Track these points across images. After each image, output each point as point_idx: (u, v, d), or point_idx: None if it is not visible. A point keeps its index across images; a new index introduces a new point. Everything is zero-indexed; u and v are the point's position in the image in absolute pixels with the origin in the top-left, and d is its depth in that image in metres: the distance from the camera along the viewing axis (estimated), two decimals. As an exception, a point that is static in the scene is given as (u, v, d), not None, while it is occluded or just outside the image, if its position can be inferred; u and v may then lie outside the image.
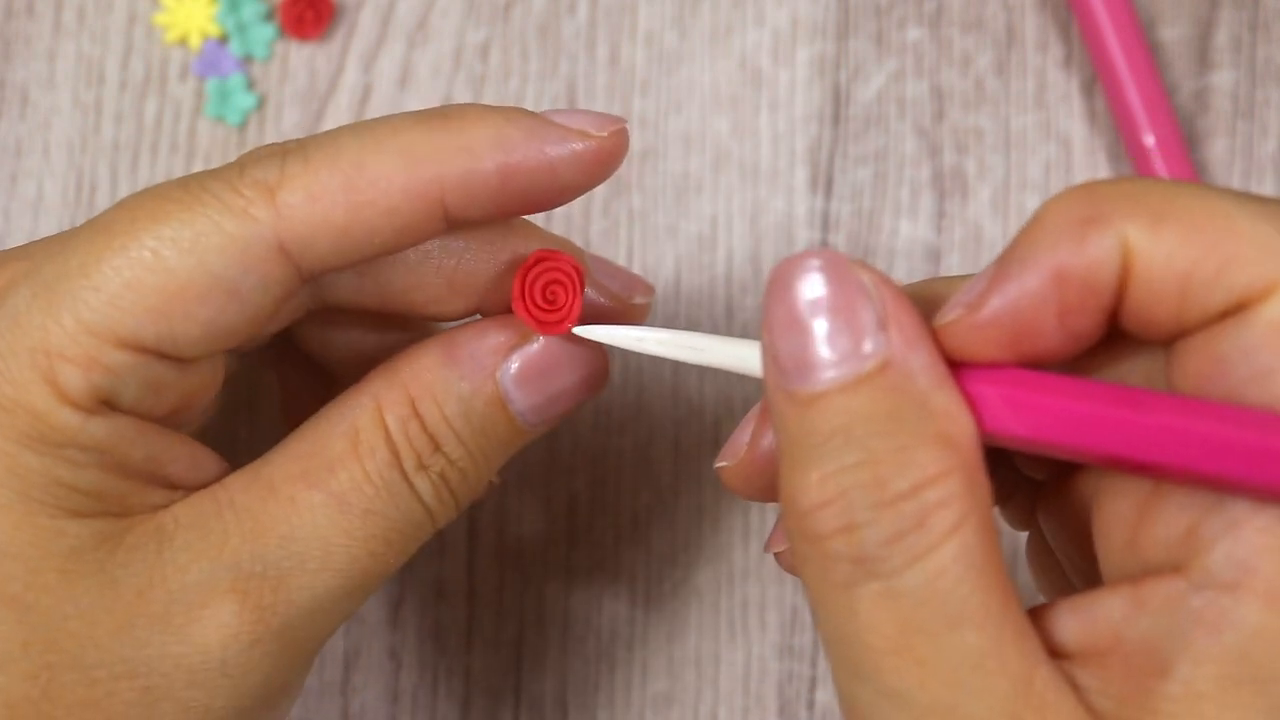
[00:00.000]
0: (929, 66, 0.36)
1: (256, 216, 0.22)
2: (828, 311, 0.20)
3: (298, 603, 0.23)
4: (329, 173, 0.23)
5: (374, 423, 0.24)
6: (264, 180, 0.23)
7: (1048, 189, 0.35)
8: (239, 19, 0.36)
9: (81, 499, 0.23)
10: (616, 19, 0.36)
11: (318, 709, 0.34)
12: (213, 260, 0.22)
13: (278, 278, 0.23)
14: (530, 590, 0.34)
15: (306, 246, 0.23)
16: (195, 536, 0.23)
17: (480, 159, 0.23)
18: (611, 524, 0.34)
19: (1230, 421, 0.19)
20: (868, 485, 0.19)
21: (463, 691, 0.34)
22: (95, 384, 0.22)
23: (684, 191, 0.35)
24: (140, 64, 0.36)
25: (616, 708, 0.34)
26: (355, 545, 0.24)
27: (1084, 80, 0.35)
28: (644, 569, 0.34)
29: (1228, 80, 0.35)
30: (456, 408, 0.25)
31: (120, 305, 0.22)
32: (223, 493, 0.24)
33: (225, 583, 0.23)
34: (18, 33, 0.36)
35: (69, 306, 0.22)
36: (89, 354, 0.22)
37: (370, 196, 0.23)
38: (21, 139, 0.36)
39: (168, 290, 0.22)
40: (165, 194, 0.23)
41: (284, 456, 0.24)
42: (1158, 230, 0.19)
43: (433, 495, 0.25)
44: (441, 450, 0.25)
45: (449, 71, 0.36)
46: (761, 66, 0.36)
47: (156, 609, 0.23)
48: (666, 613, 0.34)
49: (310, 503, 0.23)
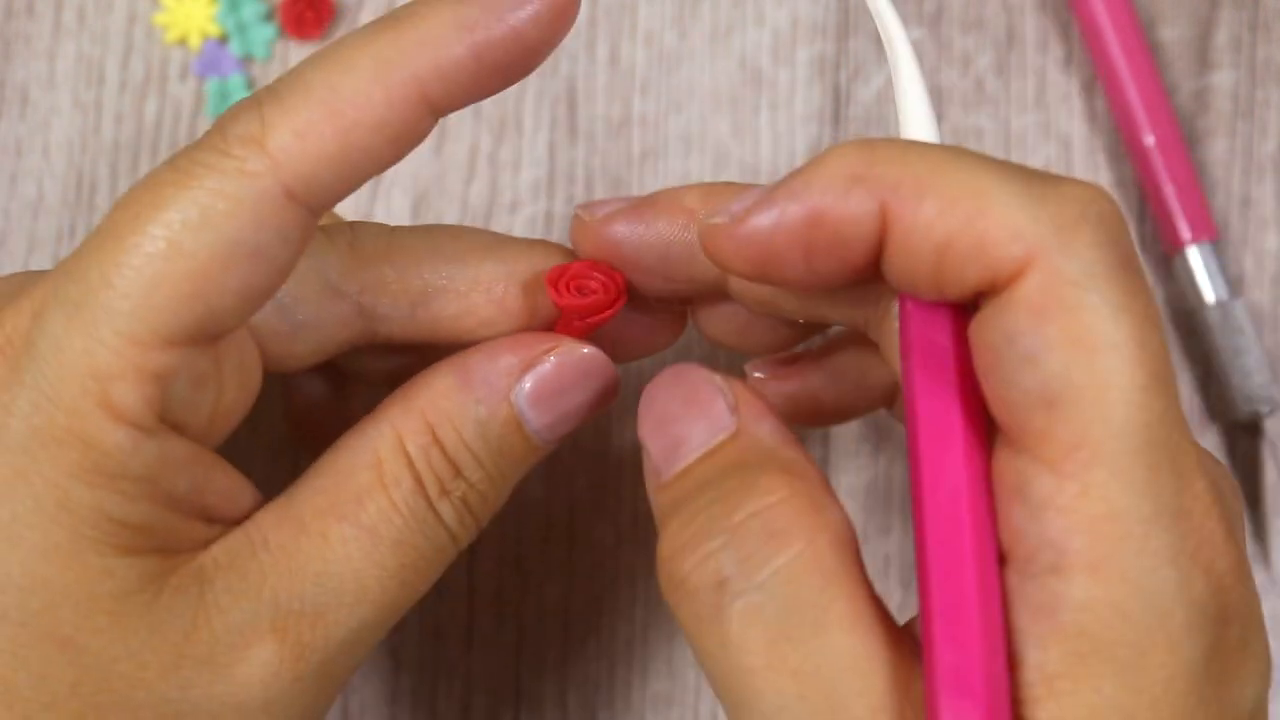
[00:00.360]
0: (929, 66, 0.36)
1: (254, 171, 0.22)
2: (686, 407, 0.23)
3: (336, 638, 0.24)
4: (308, 106, 0.23)
5: (396, 452, 0.25)
6: (248, 134, 0.22)
7: (1048, 189, 0.35)
8: (239, 19, 0.36)
9: (131, 535, 0.23)
10: (616, 19, 0.36)
11: (318, 709, 0.34)
12: (226, 228, 0.22)
13: (293, 223, 0.23)
14: (530, 590, 0.34)
15: (309, 183, 0.23)
16: (235, 578, 0.23)
17: (448, 45, 0.23)
18: (611, 524, 0.34)
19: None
20: (721, 514, 0.21)
21: (462, 692, 0.34)
22: (149, 395, 0.22)
23: (684, 191, 0.35)
24: (140, 64, 0.36)
25: (616, 708, 0.34)
26: (387, 576, 0.24)
27: (1084, 80, 0.36)
28: (644, 569, 0.34)
29: (1228, 80, 0.35)
30: (474, 431, 0.25)
31: (153, 305, 0.22)
32: (256, 532, 0.24)
33: (266, 623, 0.23)
34: (18, 33, 0.36)
35: (105, 321, 0.22)
36: (136, 365, 0.22)
37: (354, 116, 0.23)
38: (21, 139, 0.36)
39: (194, 274, 0.22)
40: (159, 179, 0.23)
41: (310, 490, 0.24)
42: (919, 200, 0.20)
43: (455, 519, 0.25)
44: (462, 475, 0.25)
45: (449, 71, 0.36)
46: (761, 66, 0.36)
47: (201, 651, 0.23)
48: (666, 613, 0.34)
49: (342, 537, 0.24)
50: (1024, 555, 0.20)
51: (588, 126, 0.36)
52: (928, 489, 0.20)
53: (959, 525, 0.20)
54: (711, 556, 0.21)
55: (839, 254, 0.21)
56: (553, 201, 0.35)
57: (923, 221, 0.20)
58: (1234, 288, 0.34)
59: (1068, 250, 0.19)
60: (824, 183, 0.21)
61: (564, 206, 0.35)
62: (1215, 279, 0.34)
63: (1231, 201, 0.35)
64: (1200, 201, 0.34)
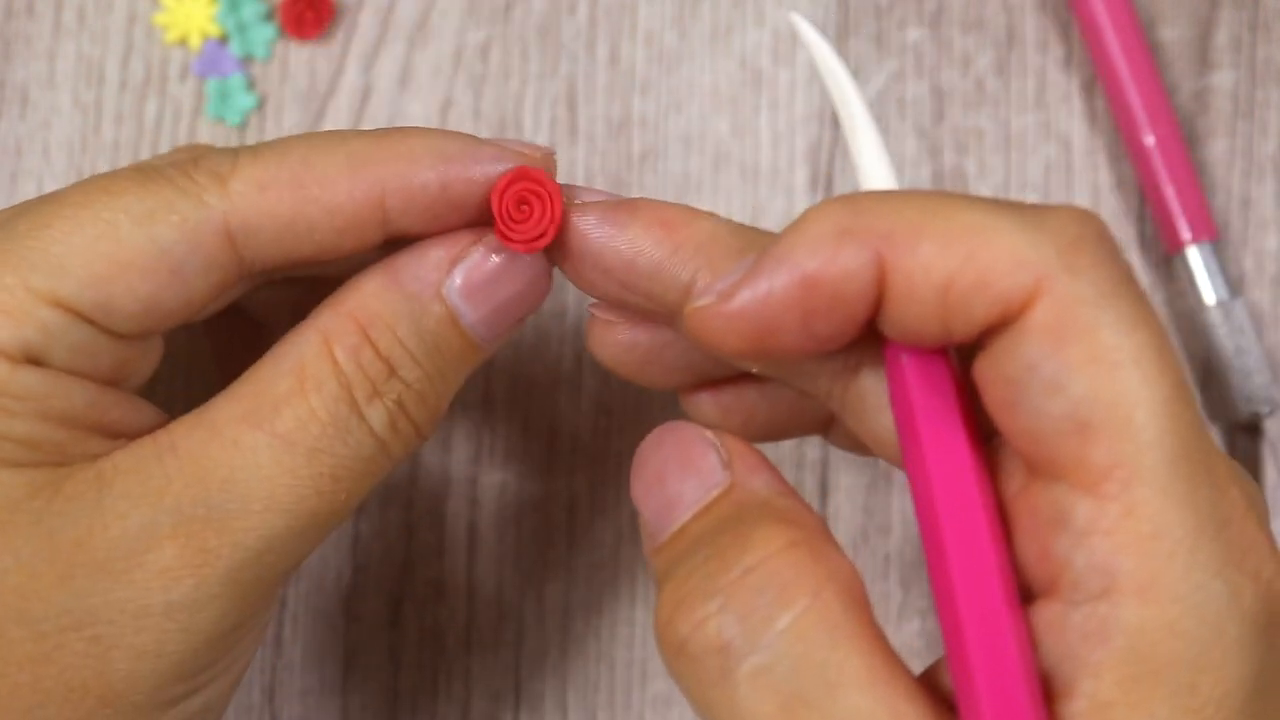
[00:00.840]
0: (929, 67, 0.36)
1: (208, 201, 0.23)
2: (678, 467, 0.23)
3: (244, 544, 0.23)
4: (278, 167, 0.24)
5: (321, 356, 0.24)
6: (217, 170, 0.24)
7: (1048, 189, 0.35)
8: (239, 19, 0.36)
9: (15, 448, 0.23)
10: (616, 19, 0.36)
11: (318, 709, 0.34)
12: (162, 236, 0.23)
13: (220, 263, 0.24)
14: (530, 590, 0.34)
15: (251, 235, 0.24)
16: (135, 482, 0.23)
17: (420, 166, 0.24)
18: (611, 524, 0.34)
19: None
20: (716, 572, 0.20)
21: (462, 692, 0.34)
22: (25, 337, 0.22)
23: (684, 192, 0.35)
24: (140, 64, 0.36)
25: (616, 708, 0.34)
26: (301, 484, 0.23)
27: (1084, 80, 0.35)
28: (644, 569, 0.34)
29: (1228, 80, 0.35)
30: (408, 328, 0.24)
31: (64, 267, 0.23)
32: (165, 437, 0.24)
33: (166, 528, 0.23)
34: (18, 33, 0.36)
35: (11, 264, 0.23)
36: (23, 308, 0.22)
37: (315, 192, 0.24)
38: (21, 139, 0.36)
39: (114, 259, 0.23)
40: (121, 174, 0.24)
41: (228, 399, 0.24)
42: (915, 244, 0.20)
43: (387, 425, 0.24)
44: (398, 375, 0.24)
45: (449, 72, 0.36)
46: (761, 66, 0.36)
47: (97, 557, 0.22)
48: (666, 613, 0.34)
49: (254, 444, 0.23)
50: (1070, 583, 0.19)
51: (588, 126, 0.36)
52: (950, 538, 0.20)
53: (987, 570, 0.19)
54: (710, 619, 0.20)
55: (838, 314, 0.21)
56: (553, 201, 0.35)
57: (921, 264, 0.20)
58: (1234, 288, 0.34)
59: (1074, 272, 0.19)
60: (811, 243, 0.20)
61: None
62: (1215, 279, 0.34)
63: (1231, 201, 0.35)
64: (1200, 202, 0.34)
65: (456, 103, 0.36)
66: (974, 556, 0.19)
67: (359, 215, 0.24)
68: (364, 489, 0.24)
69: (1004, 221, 0.20)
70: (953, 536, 0.20)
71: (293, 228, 0.24)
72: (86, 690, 0.23)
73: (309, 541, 0.24)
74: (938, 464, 0.20)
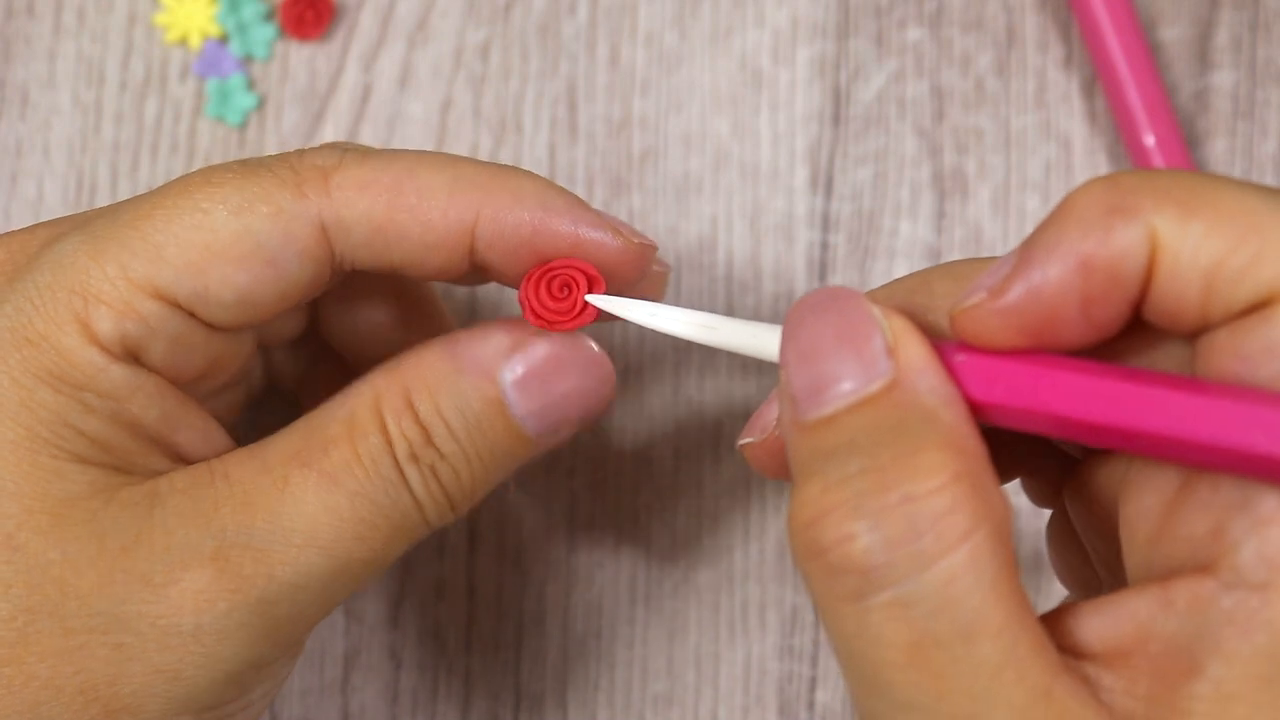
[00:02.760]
0: (929, 67, 0.36)
1: (307, 194, 0.24)
2: (838, 342, 0.21)
3: (280, 578, 0.23)
4: (382, 171, 0.24)
5: (370, 410, 0.25)
6: (322, 165, 0.24)
7: (1048, 189, 0.35)
8: (239, 19, 0.36)
9: (87, 445, 0.23)
10: (616, 19, 0.36)
11: (318, 709, 0.34)
12: (259, 226, 0.23)
13: (314, 255, 0.24)
14: (530, 590, 0.34)
15: (346, 232, 0.24)
16: (186, 501, 0.23)
17: (520, 205, 0.24)
18: (611, 524, 0.34)
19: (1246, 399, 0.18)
20: (872, 491, 0.19)
21: (462, 692, 0.34)
22: (126, 330, 0.23)
23: (684, 191, 0.35)
24: (140, 64, 0.36)
25: (616, 708, 0.34)
26: (341, 525, 0.24)
27: (1084, 80, 0.35)
28: (644, 569, 0.34)
29: (1228, 80, 0.35)
30: (451, 402, 0.25)
31: (163, 256, 0.23)
32: (219, 464, 0.24)
33: (208, 549, 0.23)
34: (18, 33, 0.36)
35: (113, 254, 0.23)
36: (125, 299, 0.23)
37: (413, 201, 0.24)
38: (21, 139, 0.36)
39: (211, 248, 0.23)
40: (225, 166, 0.24)
41: (282, 437, 0.25)
42: (1185, 222, 0.19)
43: (422, 487, 0.25)
44: (433, 444, 0.25)
45: (449, 71, 0.36)
46: (762, 66, 0.36)
47: (140, 566, 0.23)
48: (666, 613, 0.34)
49: (301, 480, 0.24)
50: (1231, 566, 0.19)
51: (588, 126, 0.36)
52: None
53: None
54: (859, 538, 0.19)
55: (1118, 295, 0.20)
56: (553, 201, 0.35)
57: (1191, 243, 0.19)
58: (1234, 288, 0.34)
59: None
60: (1080, 225, 0.20)
61: (564, 206, 0.35)
62: (1215, 279, 0.34)
63: (1231, 201, 0.35)
64: (1200, 201, 0.34)
65: (456, 102, 0.36)
66: None
67: (450, 233, 0.24)
68: (398, 547, 0.25)
69: (1275, 206, 0.19)
70: None
71: (384, 232, 0.24)
72: (96, 696, 0.23)
73: (339, 589, 0.24)
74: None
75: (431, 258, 0.25)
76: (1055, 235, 0.20)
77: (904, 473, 0.19)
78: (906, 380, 0.20)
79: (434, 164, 0.24)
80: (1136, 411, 0.19)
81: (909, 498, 0.19)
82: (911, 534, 0.19)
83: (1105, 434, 0.20)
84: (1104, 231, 0.19)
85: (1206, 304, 0.19)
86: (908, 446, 0.19)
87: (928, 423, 0.20)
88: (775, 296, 0.35)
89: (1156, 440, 0.19)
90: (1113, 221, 0.19)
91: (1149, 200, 0.19)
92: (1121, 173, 0.20)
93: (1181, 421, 0.19)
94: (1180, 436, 0.19)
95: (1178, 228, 0.19)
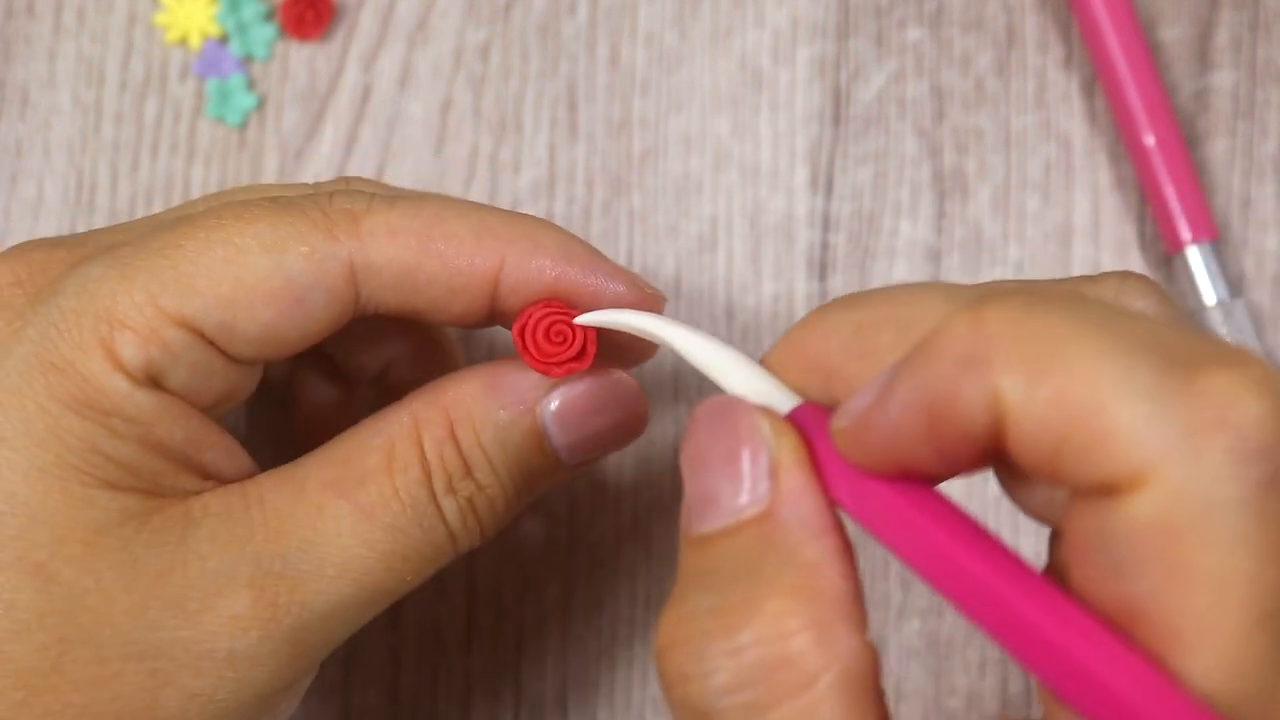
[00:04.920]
0: (929, 67, 0.36)
1: (338, 237, 0.24)
2: (724, 458, 0.21)
3: (312, 606, 0.24)
4: (411, 217, 0.24)
5: (410, 440, 0.25)
6: (352, 209, 0.24)
7: (1048, 189, 0.35)
8: (239, 19, 0.36)
9: (117, 471, 0.23)
10: (616, 19, 0.36)
11: (318, 709, 0.34)
12: (291, 264, 0.24)
13: (341, 297, 0.24)
14: (530, 590, 0.34)
15: (373, 275, 0.24)
16: (221, 526, 0.23)
17: (542, 253, 0.25)
18: (611, 524, 0.34)
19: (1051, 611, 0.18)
20: (716, 633, 0.19)
21: (463, 691, 0.34)
22: (150, 357, 0.23)
23: (684, 192, 0.35)
24: (140, 64, 0.36)
25: (616, 708, 0.34)
26: (375, 558, 0.24)
27: (1084, 80, 0.35)
28: (644, 569, 0.34)
29: (1228, 80, 0.35)
30: (492, 435, 0.25)
31: (193, 287, 0.23)
32: (254, 488, 0.24)
33: (244, 576, 0.23)
34: (18, 33, 0.36)
35: (142, 281, 0.23)
36: (151, 326, 0.23)
37: (441, 248, 0.24)
38: (21, 139, 0.36)
39: (241, 282, 0.23)
40: (257, 202, 0.24)
41: (318, 462, 0.25)
42: (1032, 388, 0.18)
43: (458, 519, 0.25)
44: (473, 475, 0.25)
45: (449, 71, 0.36)
46: (762, 67, 0.36)
47: (173, 593, 0.23)
48: (666, 613, 0.34)
49: (337, 511, 0.24)
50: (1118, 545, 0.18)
51: (588, 126, 0.36)
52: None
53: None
54: (708, 678, 0.19)
55: (966, 446, 0.19)
56: (553, 202, 0.35)
57: (1037, 413, 0.17)
58: (1234, 288, 0.34)
59: (1196, 465, 0.17)
60: (934, 369, 0.18)
61: (564, 207, 0.35)
62: (1216, 279, 0.34)
63: (1232, 202, 0.35)
64: (1200, 202, 0.34)
65: (456, 102, 0.36)
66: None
67: (474, 279, 0.25)
68: (426, 574, 0.25)
69: (1135, 379, 0.17)
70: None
71: (411, 277, 0.24)
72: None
73: (364, 615, 0.25)
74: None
75: (455, 303, 0.25)
76: (914, 372, 0.19)
77: (746, 618, 0.19)
78: (779, 509, 0.20)
79: (459, 211, 0.25)
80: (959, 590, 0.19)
81: (757, 640, 0.19)
82: (746, 681, 0.19)
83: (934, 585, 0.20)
84: (953, 382, 0.18)
85: (1056, 473, 0.18)
86: (760, 589, 0.19)
87: (784, 563, 0.20)
88: (775, 296, 0.35)
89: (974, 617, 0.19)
90: (963, 374, 0.18)
91: (1000, 357, 0.18)
92: (989, 312, 0.18)
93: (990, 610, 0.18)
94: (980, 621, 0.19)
95: (1024, 393, 0.18)
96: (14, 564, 0.22)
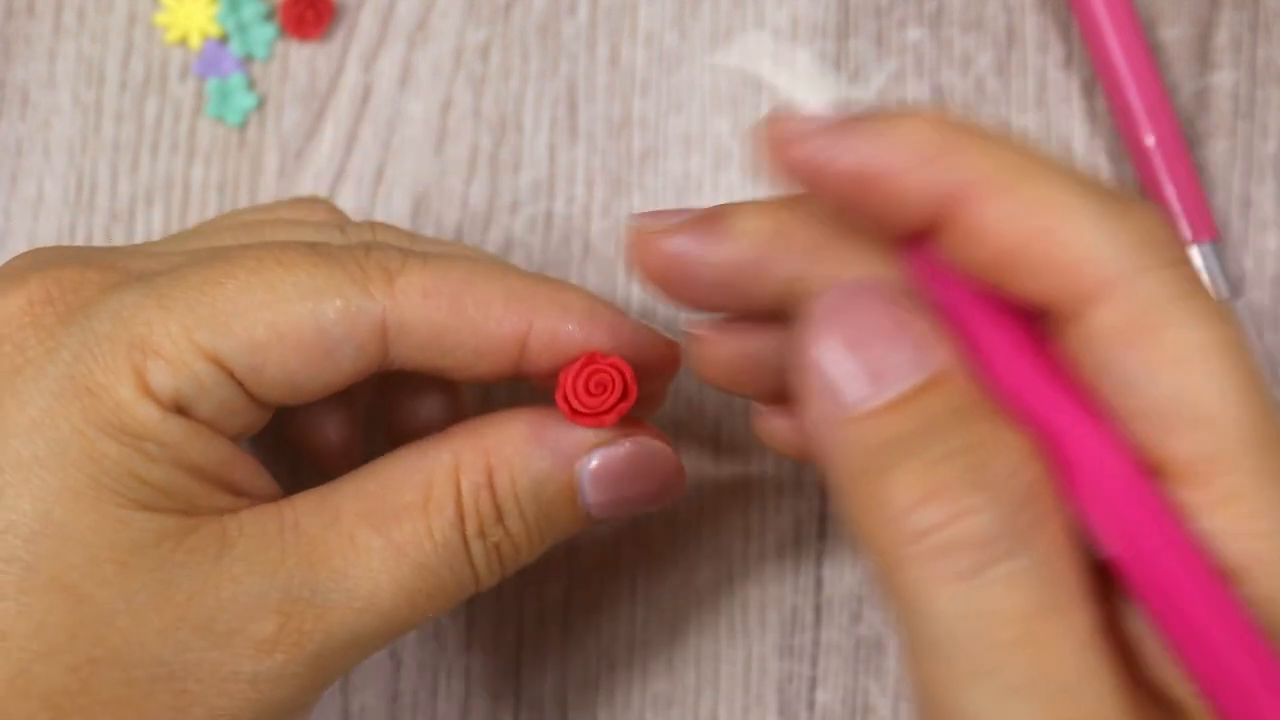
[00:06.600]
0: (929, 67, 0.36)
1: (373, 294, 0.24)
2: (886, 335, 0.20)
3: (336, 635, 0.24)
4: (443, 280, 0.25)
5: (449, 480, 0.25)
6: (388, 266, 0.25)
7: (1048, 189, 0.35)
8: (239, 19, 0.36)
9: (152, 493, 0.23)
10: (616, 19, 0.36)
11: (318, 709, 0.34)
12: (325, 316, 0.24)
13: (369, 353, 0.25)
14: (530, 590, 0.34)
15: (404, 335, 0.25)
16: (255, 549, 0.24)
17: (570, 317, 0.25)
18: (611, 524, 0.34)
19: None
20: (974, 468, 0.19)
21: (463, 692, 0.34)
22: (179, 387, 0.23)
23: (684, 192, 0.35)
24: (140, 64, 0.36)
25: (616, 708, 0.34)
26: (402, 594, 0.24)
27: (1084, 80, 0.36)
28: (644, 569, 0.34)
29: (1228, 80, 0.35)
30: (528, 486, 0.25)
31: (228, 327, 0.23)
32: (289, 511, 0.24)
33: (273, 601, 0.23)
34: (18, 33, 0.36)
35: (179, 313, 0.23)
36: (183, 359, 0.23)
37: (471, 312, 0.25)
38: (21, 139, 0.36)
39: (275, 328, 0.24)
40: (295, 248, 0.25)
41: (354, 490, 0.25)
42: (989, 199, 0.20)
43: (484, 562, 0.25)
44: (503, 523, 0.25)
45: (449, 71, 0.36)
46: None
47: (204, 614, 0.23)
48: (666, 613, 0.34)
49: (369, 545, 0.24)
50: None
51: (588, 126, 0.36)
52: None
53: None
54: (974, 513, 0.19)
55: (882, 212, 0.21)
56: (553, 202, 0.35)
57: (990, 221, 0.20)
58: (1234, 288, 0.34)
59: (1145, 271, 0.19)
60: (893, 148, 0.20)
61: (564, 207, 0.35)
62: (1216, 279, 0.34)
63: (1232, 202, 0.35)
64: (1201, 202, 0.34)
65: (456, 102, 0.36)
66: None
67: (503, 343, 0.25)
68: (445, 611, 0.25)
69: (1087, 206, 0.19)
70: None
71: (440, 339, 0.25)
72: None
73: (382, 644, 0.25)
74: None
75: (482, 363, 0.25)
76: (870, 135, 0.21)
77: (998, 449, 0.19)
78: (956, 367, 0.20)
79: (488, 275, 0.25)
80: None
81: (1014, 472, 0.19)
82: (1023, 503, 0.19)
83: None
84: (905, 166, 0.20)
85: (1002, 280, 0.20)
86: (989, 424, 0.20)
87: (987, 404, 0.20)
88: (775, 296, 0.35)
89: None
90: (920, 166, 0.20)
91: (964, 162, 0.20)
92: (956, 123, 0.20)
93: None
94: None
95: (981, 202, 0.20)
96: (47, 585, 0.22)
